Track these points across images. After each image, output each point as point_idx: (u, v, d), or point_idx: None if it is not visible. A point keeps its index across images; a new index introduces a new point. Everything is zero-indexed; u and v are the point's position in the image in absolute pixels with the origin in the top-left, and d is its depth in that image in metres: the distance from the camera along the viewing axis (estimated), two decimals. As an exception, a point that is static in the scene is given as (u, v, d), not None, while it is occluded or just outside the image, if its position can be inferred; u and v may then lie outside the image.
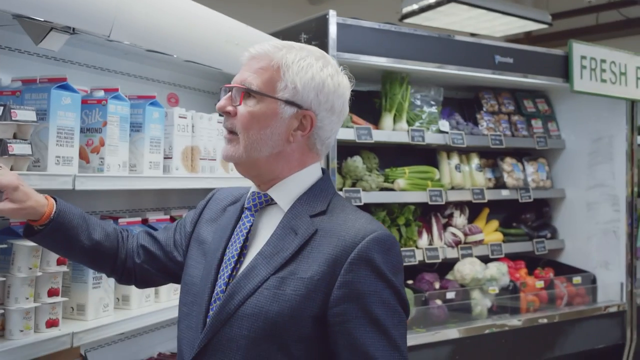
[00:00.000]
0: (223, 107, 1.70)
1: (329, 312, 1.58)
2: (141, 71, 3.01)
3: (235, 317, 1.61)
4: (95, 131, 2.37)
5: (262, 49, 1.70)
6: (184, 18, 2.62)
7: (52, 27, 2.08)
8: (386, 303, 1.59)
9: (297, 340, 1.58)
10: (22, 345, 2.02)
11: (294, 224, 1.67)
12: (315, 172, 1.78)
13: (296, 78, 1.68)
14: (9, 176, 1.77)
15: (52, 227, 1.82)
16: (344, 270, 1.58)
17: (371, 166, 4.30)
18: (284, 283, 1.60)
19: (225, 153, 1.73)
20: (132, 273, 1.99)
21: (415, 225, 4.46)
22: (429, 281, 4.40)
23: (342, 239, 1.61)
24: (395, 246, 1.66)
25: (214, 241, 1.80)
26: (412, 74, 4.36)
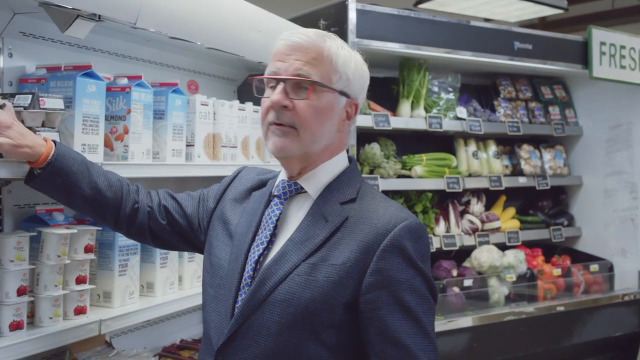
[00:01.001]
0: (280, 102, 1.65)
1: (361, 299, 1.59)
2: (162, 58, 3.00)
3: (266, 303, 1.61)
4: (119, 119, 2.37)
5: (308, 38, 1.68)
6: (207, 5, 2.61)
7: (79, 15, 2.07)
8: (417, 290, 1.60)
9: (328, 326, 1.59)
10: (51, 332, 2.03)
11: (324, 210, 1.67)
12: (343, 160, 1.79)
13: (346, 68, 1.70)
14: (2, 115, 1.78)
15: (50, 171, 1.82)
16: (376, 257, 1.59)
17: (389, 153, 4.28)
18: (315, 269, 1.61)
19: (280, 145, 1.67)
20: (146, 230, 1.98)
21: (433, 212, 4.45)
22: (446, 269, 4.40)
23: (374, 226, 1.62)
24: (425, 234, 1.67)
25: (240, 224, 1.79)
26: (429, 60, 4.34)
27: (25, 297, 1.99)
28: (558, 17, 8.62)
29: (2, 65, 2.27)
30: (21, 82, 2.29)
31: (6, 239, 1.95)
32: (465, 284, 4.30)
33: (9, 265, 1.94)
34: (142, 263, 2.52)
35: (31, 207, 2.36)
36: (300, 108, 1.65)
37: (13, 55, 2.30)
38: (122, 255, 2.39)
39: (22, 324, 1.98)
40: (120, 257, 2.38)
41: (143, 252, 2.52)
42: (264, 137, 1.73)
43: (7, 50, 2.28)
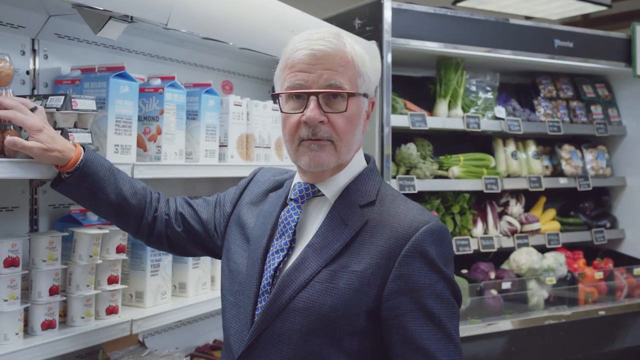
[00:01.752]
0: (317, 119, 1.58)
1: (383, 306, 1.55)
2: (196, 59, 3.01)
3: (286, 311, 1.58)
4: (152, 119, 2.38)
5: (330, 44, 1.60)
6: (239, 5, 2.60)
7: (111, 16, 2.08)
8: (440, 295, 1.56)
9: (350, 334, 1.55)
10: (83, 332, 2.04)
11: (343, 214, 1.63)
12: (361, 159, 1.74)
13: (365, 68, 1.66)
14: (34, 118, 1.79)
15: (78, 176, 1.82)
16: (398, 263, 1.55)
17: (425, 153, 4.23)
18: (336, 276, 1.56)
19: (318, 161, 1.61)
20: (164, 237, 1.97)
21: (470, 213, 4.39)
22: (484, 271, 4.33)
23: (395, 230, 1.57)
24: (447, 237, 1.62)
25: (256, 228, 1.76)
26: (467, 59, 4.28)
27: (58, 297, 2.00)
28: (601, 14, 8.41)
29: (37, 67, 2.29)
30: (56, 83, 2.32)
31: (39, 238, 1.97)
32: (504, 286, 4.23)
33: (41, 264, 1.96)
34: (175, 263, 2.53)
35: (66, 207, 2.38)
36: (335, 121, 1.60)
37: (48, 56, 2.33)
38: (154, 256, 2.39)
39: (54, 323, 2.00)
40: (152, 258, 2.39)
41: (175, 253, 2.53)
42: (293, 152, 1.65)
43: (42, 51, 2.31)
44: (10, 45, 2.19)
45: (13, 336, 1.87)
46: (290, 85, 1.62)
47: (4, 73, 1.84)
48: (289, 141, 1.65)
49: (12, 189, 2.22)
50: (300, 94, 1.60)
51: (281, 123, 1.68)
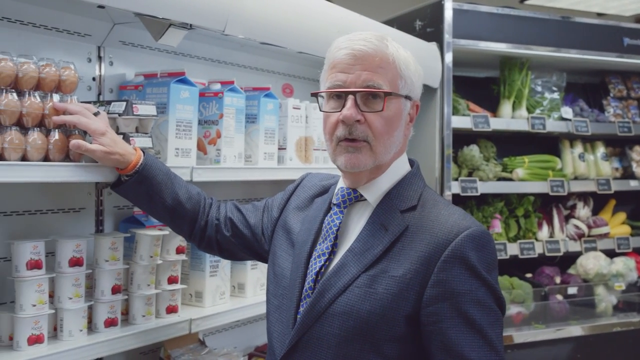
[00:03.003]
0: (353, 117, 1.58)
1: (422, 312, 1.53)
2: (256, 63, 3.06)
3: (325, 315, 1.58)
4: (212, 123, 2.43)
5: (371, 44, 1.61)
6: (295, 10, 2.63)
7: (171, 24, 2.14)
8: (481, 302, 1.52)
9: (389, 340, 1.54)
10: (143, 330, 2.11)
11: (384, 219, 1.62)
12: (404, 164, 1.73)
13: (409, 72, 1.65)
14: (97, 122, 1.87)
15: (137, 179, 1.89)
16: (437, 268, 1.52)
17: (488, 155, 4.17)
18: (375, 281, 1.56)
19: (354, 163, 1.61)
20: (214, 242, 2.01)
21: (535, 216, 4.30)
22: (549, 275, 4.23)
23: (435, 235, 1.55)
24: (489, 242, 1.58)
25: (301, 232, 1.77)
26: (532, 59, 4.20)
27: (120, 296, 2.08)
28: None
29: (103, 73, 2.38)
30: (120, 89, 2.40)
31: (102, 239, 2.05)
32: (570, 291, 4.13)
33: (104, 264, 2.04)
34: (233, 264, 2.58)
35: (129, 209, 2.46)
36: (372, 121, 1.60)
37: (113, 63, 2.41)
38: (214, 257, 2.45)
39: (117, 321, 2.07)
40: (211, 259, 2.44)
41: (234, 254, 2.58)
42: (332, 151, 1.66)
43: (108, 58, 2.39)
44: (78, 53, 2.28)
45: (77, 332, 1.95)
46: (330, 85, 1.64)
47: (69, 81, 1.91)
48: (328, 140, 1.67)
49: (79, 191, 2.31)
50: (339, 94, 1.62)
51: (322, 122, 1.71)
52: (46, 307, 1.87)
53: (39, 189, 2.17)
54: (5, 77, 1.75)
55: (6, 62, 1.75)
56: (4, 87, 1.75)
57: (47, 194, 2.20)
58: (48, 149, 1.82)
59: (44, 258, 1.88)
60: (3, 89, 1.74)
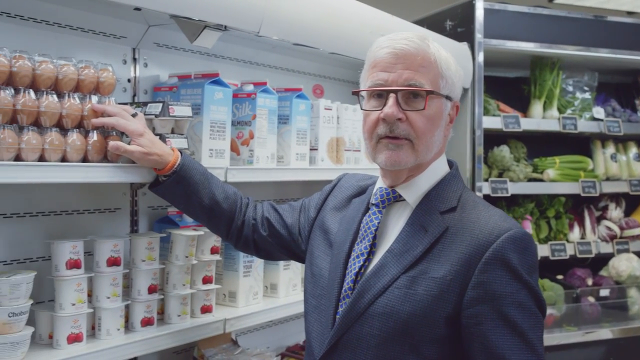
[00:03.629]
0: (395, 115, 1.58)
1: (463, 313, 1.52)
2: (288, 63, 3.07)
3: (365, 315, 1.58)
4: (245, 124, 2.44)
5: (413, 43, 1.61)
6: (329, 11, 2.64)
7: (206, 25, 2.15)
8: (522, 305, 1.51)
9: (430, 341, 1.54)
10: (179, 329, 2.13)
11: (424, 220, 1.61)
12: (443, 165, 1.72)
13: (449, 72, 1.64)
14: (136, 124, 1.89)
15: (175, 179, 1.91)
16: (478, 270, 1.52)
17: (519, 156, 4.14)
18: (415, 282, 1.55)
19: (395, 159, 1.60)
20: (251, 242, 2.02)
21: (566, 217, 4.26)
22: (581, 277, 4.19)
23: (476, 237, 1.55)
24: (531, 245, 1.57)
25: (339, 233, 1.77)
26: (563, 58, 4.16)
27: (156, 295, 2.10)
28: None
29: (138, 75, 2.41)
30: (155, 90, 2.43)
31: (138, 239, 2.07)
32: (602, 293, 4.08)
33: (140, 264, 2.06)
34: (266, 265, 2.59)
35: (163, 209, 2.49)
36: (414, 119, 1.59)
37: (148, 65, 2.44)
38: (247, 257, 2.46)
39: (153, 320, 2.09)
40: (244, 259, 2.45)
41: (267, 254, 2.59)
42: (372, 149, 1.66)
43: (142, 60, 2.41)
44: (113, 55, 2.31)
45: (115, 331, 1.97)
46: (371, 84, 1.64)
47: (107, 82, 1.94)
48: (368, 139, 1.66)
49: (114, 192, 2.33)
50: (381, 93, 1.62)
51: (362, 121, 1.70)
52: (85, 306, 1.90)
53: (76, 189, 2.20)
54: (46, 79, 1.77)
55: (47, 65, 1.78)
56: (44, 89, 1.77)
57: (83, 194, 2.23)
58: (87, 149, 1.84)
59: (82, 258, 1.90)
60: (44, 91, 1.77)
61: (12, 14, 1.99)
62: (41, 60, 1.79)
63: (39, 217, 2.11)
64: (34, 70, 1.75)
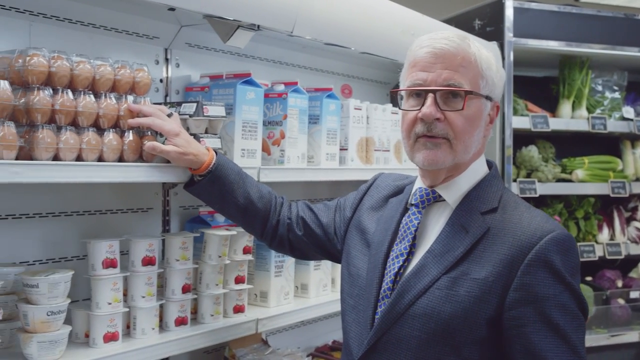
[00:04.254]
0: (433, 115, 1.57)
1: (505, 315, 1.51)
2: (316, 63, 3.07)
3: (405, 316, 1.57)
4: (276, 124, 2.44)
5: (453, 43, 1.59)
6: (361, 11, 2.63)
7: (239, 25, 2.16)
8: (565, 307, 1.49)
9: (470, 343, 1.52)
10: (212, 329, 2.13)
11: (464, 221, 1.60)
12: (482, 166, 1.71)
13: (490, 72, 1.62)
14: (171, 124, 1.89)
15: (210, 179, 1.91)
16: (520, 272, 1.50)
17: (547, 156, 4.10)
18: (456, 283, 1.54)
19: (432, 159, 1.59)
20: (286, 241, 2.02)
21: (595, 218, 4.21)
22: (610, 279, 4.14)
23: (518, 238, 1.53)
24: (574, 247, 1.56)
25: (377, 233, 1.76)
26: (592, 57, 4.12)
27: (189, 295, 2.10)
28: None
29: (170, 75, 2.41)
30: (187, 90, 2.43)
31: (173, 239, 2.07)
32: (632, 295, 4.03)
33: (174, 264, 2.06)
34: (297, 265, 2.58)
35: (195, 209, 2.49)
36: (452, 119, 1.58)
37: (180, 65, 2.44)
38: (278, 257, 2.46)
39: (187, 319, 2.10)
40: (276, 259, 2.45)
41: (297, 254, 2.58)
42: (410, 149, 1.65)
43: (174, 60, 2.42)
44: (146, 55, 2.32)
45: (150, 331, 1.98)
46: (410, 83, 1.63)
47: (143, 82, 1.94)
48: (406, 137, 1.65)
49: (147, 192, 2.34)
50: (419, 92, 1.61)
51: (400, 120, 1.69)
52: (121, 305, 1.91)
53: (109, 189, 2.21)
54: (84, 80, 1.78)
55: (84, 65, 1.79)
56: (82, 89, 1.78)
57: (117, 194, 2.24)
58: (123, 149, 1.84)
59: (118, 257, 1.91)
60: (81, 91, 1.78)
61: (49, 14, 2.01)
62: (79, 60, 1.79)
63: (73, 216, 2.13)
64: (71, 70, 1.76)
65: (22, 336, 1.72)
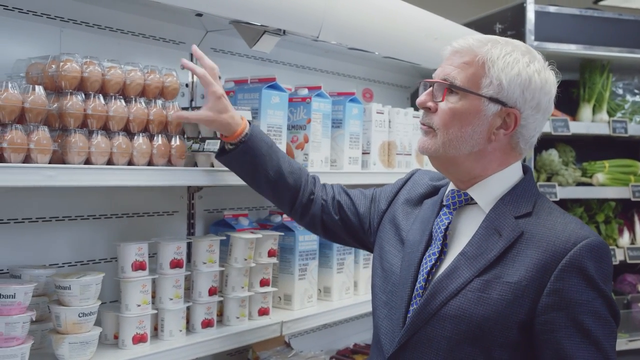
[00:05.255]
0: (424, 103, 1.67)
1: (537, 320, 1.52)
2: (337, 68, 3.09)
3: (436, 317, 1.59)
4: (299, 128, 2.46)
5: (465, 43, 1.65)
6: (386, 15, 2.66)
7: (265, 30, 2.18)
8: (597, 313, 1.50)
9: (501, 346, 1.53)
10: (238, 331, 2.15)
11: (498, 224, 1.61)
12: (517, 171, 1.71)
13: (501, 74, 1.61)
14: (216, 86, 1.91)
15: (242, 149, 1.91)
16: (554, 277, 1.51)
17: (567, 160, 4.10)
18: (489, 286, 1.55)
19: (421, 145, 1.69)
20: (318, 221, 2.03)
21: (616, 222, 4.20)
22: (632, 283, 4.13)
23: (552, 243, 1.54)
24: (607, 253, 1.57)
25: (412, 232, 1.77)
26: (613, 61, 4.11)
27: (216, 297, 2.12)
28: None
29: (195, 79, 2.44)
30: (211, 94, 2.45)
31: (200, 242, 2.10)
32: (653, 300, 4.01)
33: (201, 266, 2.09)
34: (320, 268, 2.60)
35: (219, 212, 2.52)
36: (439, 110, 1.65)
37: (205, 70, 2.47)
38: (302, 260, 2.47)
39: (213, 322, 2.12)
40: (300, 262, 2.47)
41: (321, 257, 2.60)
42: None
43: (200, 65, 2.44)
44: (173, 60, 2.34)
45: (177, 333, 2.01)
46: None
47: (171, 87, 1.97)
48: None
49: (172, 195, 2.37)
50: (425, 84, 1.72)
51: None
52: (149, 307, 1.93)
53: (136, 192, 2.24)
54: (115, 85, 1.81)
55: (115, 70, 1.82)
56: (113, 94, 1.81)
57: (144, 197, 2.27)
58: (152, 153, 1.87)
59: (147, 259, 1.93)
60: (112, 95, 1.81)
61: (79, 20, 2.05)
62: (110, 65, 1.83)
63: (101, 219, 2.16)
64: (103, 75, 1.79)
65: (54, 337, 1.75)
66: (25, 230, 1.96)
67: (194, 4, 1.95)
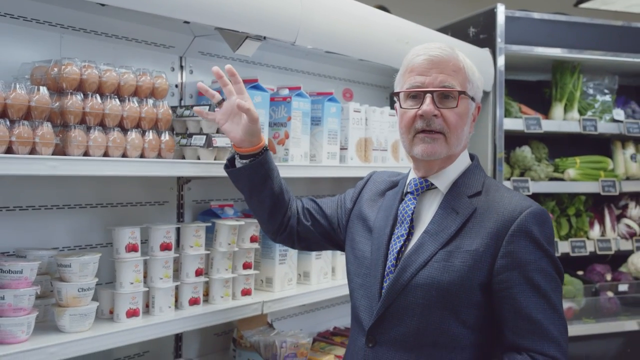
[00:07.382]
0: (432, 112, 1.82)
1: (494, 280, 1.77)
2: (319, 69, 3.30)
3: (409, 287, 1.81)
4: (281, 125, 2.67)
5: (446, 52, 1.87)
6: (359, 22, 2.87)
7: (247, 36, 2.39)
8: (544, 270, 1.76)
9: (467, 306, 1.78)
10: (222, 309, 2.37)
11: (454, 204, 1.86)
12: (467, 158, 1.99)
13: (474, 77, 1.90)
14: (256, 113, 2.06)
15: (260, 161, 2.08)
16: (505, 241, 1.76)
17: (540, 156, 4.31)
18: (451, 256, 1.79)
19: (430, 151, 1.84)
20: (294, 233, 2.23)
21: (587, 215, 4.42)
22: (600, 272, 4.34)
23: (502, 214, 1.79)
24: (548, 219, 1.83)
25: (378, 219, 2.00)
26: (584, 62, 4.33)
27: (202, 278, 2.34)
28: None
29: (184, 81, 2.66)
30: (199, 95, 2.66)
31: (187, 227, 2.31)
32: (620, 288, 4.23)
33: (189, 250, 2.30)
34: (299, 254, 2.81)
35: (206, 203, 2.73)
36: (447, 115, 1.85)
37: (193, 71, 2.69)
38: (282, 246, 2.68)
39: (199, 300, 2.33)
40: (280, 248, 2.68)
41: (300, 244, 2.81)
42: (409, 143, 1.89)
43: (188, 67, 2.66)
44: (163, 63, 2.56)
45: (167, 309, 2.22)
46: (409, 86, 1.89)
47: (161, 88, 2.19)
48: (405, 133, 1.91)
49: (163, 186, 2.59)
50: (417, 93, 1.87)
51: (399, 118, 1.94)
52: (141, 285, 2.14)
53: (130, 183, 2.45)
54: (110, 86, 2.03)
55: (111, 73, 2.03)
56: (108, 94, 2.03)
57: (136, 188, 2.48)
58: (144, 147, 2.09)
59: (139, 242, 2.15)
60: (108, 95, 2.02)
61: (77, 27, 2.25)
62: (106, 68, 2.04)
63: (97, 208, 2.37)
64: (100, 77, 2.01)
65: (56, 310, 1.96)
66: (29, 217, 2.17)
67: (182, 13, 2.16)
